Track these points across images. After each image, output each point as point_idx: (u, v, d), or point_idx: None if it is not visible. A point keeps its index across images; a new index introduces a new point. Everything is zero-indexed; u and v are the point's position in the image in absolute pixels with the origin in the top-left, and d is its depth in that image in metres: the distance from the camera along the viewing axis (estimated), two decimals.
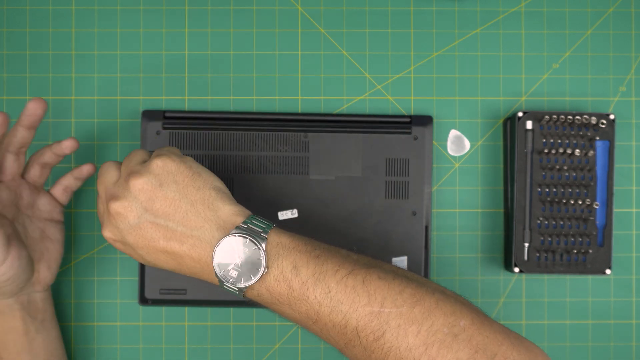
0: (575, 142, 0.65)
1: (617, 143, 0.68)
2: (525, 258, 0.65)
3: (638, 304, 0.68)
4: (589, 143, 0.65)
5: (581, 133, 0.65)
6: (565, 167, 0.64)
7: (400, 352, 0.46)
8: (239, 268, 0.49)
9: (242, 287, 0.49)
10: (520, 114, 0.65)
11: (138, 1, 0.68)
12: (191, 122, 0.66)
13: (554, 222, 0.65)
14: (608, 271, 0.65)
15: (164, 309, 0.67)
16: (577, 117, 0.64)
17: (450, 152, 0.68)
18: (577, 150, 0.64)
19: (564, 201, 0.64)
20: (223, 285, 0.50)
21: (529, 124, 0.65)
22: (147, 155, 0.54)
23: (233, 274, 0.49)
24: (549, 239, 0.65)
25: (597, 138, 0.65)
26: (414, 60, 0.69)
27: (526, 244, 0.65)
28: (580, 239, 0.65)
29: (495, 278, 0.68)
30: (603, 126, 0.64)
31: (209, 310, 0.67)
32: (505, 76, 0.69)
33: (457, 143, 0.69)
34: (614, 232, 0.67)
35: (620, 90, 0.69)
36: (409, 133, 0.66)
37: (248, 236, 0.49)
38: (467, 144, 0.69)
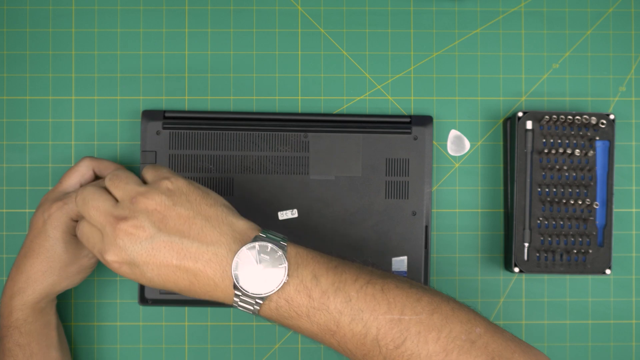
0: (575, 142, 0.65)
1: (617, 143, 0.68)
2: (525, 258, 0.65)
3: (638, 304, 0.68)
4: (588, 143, 0.65)
5: (581, 133, 0.65)
6: (565, 167, 0.65)
7: (420, 359, 0.47)
8: (258, 278, 0.48)
9: (263, 296, 0.48)
10: (520, 114, 0.65)
11: (138, 1, 0.68)
12: (191, 122, 0.66)
13: (554, 222, 0.65)
14: (608, 271, 0.65)
15: (164, 309, 0.67)
16: (577, 117, 0.64)
17: (450, 152, 0.68)
18: (577, 150, 0.64)
19: (564, 201, 0.64)
20: (238, 304, 0.49)
21: (529, 124, 0.65)
22: (135, 177, 0.53)
23: (252, 284, 0.48)
24: (549, 239, 0.65)
25: (597, 138, 0.65)
26: (414, 60, 0.69)
27: (526, 244, 0.65)
28: (580, 239, 0.65)
29: (495, 278, 0.68)
30: (603, 126, 0.64)
31: (209, 310, 0.67)
32: (505, 76, 0.69)
33: (457, 143, 0.69)
34: (614, 232, 0.67)
35: (620, 90, 0.69)
36: (409, 133, 0.66)
37: (270, 243, 0.49)
38: (467, 144, 0.69)
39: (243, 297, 0.49)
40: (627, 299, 0.68)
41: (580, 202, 0.64)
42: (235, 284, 0.48)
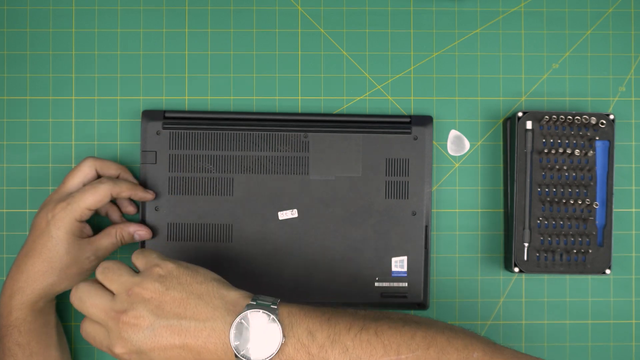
0: (575, 142, 0.65)
1: (616, 143, 0.68)
2: (525, 258, 0.65)
3: (638, 304, 0.68)
4: (588, 143, 0.65)
5: (581, 133, 0.65)
6: (565, 167, 0.65)
7: None
8: (256, 344, 0.50)
9: None
10: (520, 114, 0.65)
11: (138, 1, 0.68)
12: (191, 122, 0.66)
13: (553, 222, 0.65)
14: (608, 271, 0.65)
15: None
16: (577, 117, 0.64)
17: (450, 152, 0.68)
18: (577, 150, 0.64)
19: (564, 201, 0.64)
20: None
21: (529, 124, 0.65)
22: (125, 265, 0.55)
23: (252, 351, 0.50)
24: (549, 239, 0.65)
25: (597, 138, 0.65)
26: (413, 60, 0.69)
27: (526, 244, 0.65)
28: (580, 239, 0.65)
29: (495, 278, 0.68)
30: (603, 126, 0.65)
31: None
32: (505, 76, 0.69)
33: (457, 143, 0.69)
34: (614, 232, 0.67)
35: (620, 90, 0.69)
36: (409, 133, 0.66)
37: (261, 309, 0.50)
38: (467, 144, 0.69)
39: None
40: (627, 299, 0.68)
41: (580, 202, 0.64)
42: (236, 355, 0.50)
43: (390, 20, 0.69)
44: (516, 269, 0.65)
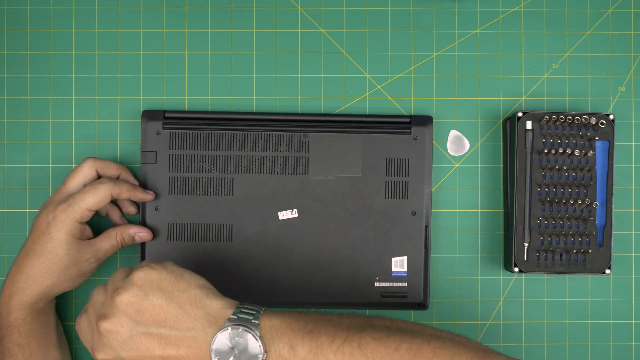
0: (574, 142, 0.65)
1: (616, 143, 0.68)
2: (525, 258, 0.65)
3: (637, 304, 0.68)
4: (588, 143, 0.65)
5: (581, 133, 0.65)
6: (565, 167, 0.65)
7: None
8: (238, 359, 0.49)
9: None
10: (520, 114, 0.65)
11: (138, 1, 0.68)
12: (191, 122, 0.66)
13: (553, 222, 0.65)
14: (608, 271, 0.65)
15: None
16: (577, 117, 0.64)
17: (450, 152, 0.69)
18: (577, 150, 0.64)
19: (564, 201, 0.64)
20: None
21: (529, 124, 0.65)
22: (129, 271, 0.55)
23: None
24: (549, 238, 0.65)
25: (597, 138, 0.65)
26: (413, 60, 0.69)
27: (526, 244, 0.65)
28: (580, 239, 0.65)
29: (495, 278, 0.68)
30: (602, 126, 0.65)
31: None
32: (505, 76, 0.69)
33: (457, 143, 0.69)
34: (614, 232, 0.67)
35: (620, 91, 0.69)
36: (409, 133, 0.66)
37: (241, 326, 0.50)
38: (467, 144, 0.69)
39: None
40: (626, 298, 0.68)
41: (580, 202, 0.64)
42: None
43: (390, 20, 0.69)
44: (516, 269, 0.65)
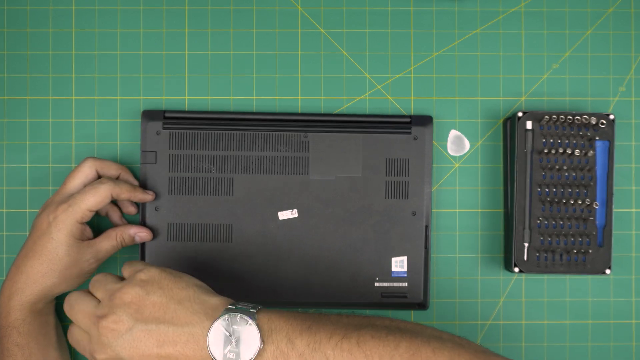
0: (575, 142, 0.65)
1: (616, 143, 0.68)
2: (525, 258, 0.65)
3: (638, 304, 0.68)
4: (588, 143, 0.65)
5: (581, 133, 0.65)
6: (565, 167, 0.65)
7: None
8: (235, 349, 0.49)
9: None
10: (520, 114, 0.65)
11: (138, 1, 0.68)
12: (191, 122, 0.66)
13: (553, 222, 0.65)
14: (608, 271, 0.65)
15: None
16: (577, 117, 0.64)
17: (450, 152, 0.68)
18: (577, 150, 0.64)
19: (564, 201, 0.64)
20: None
21: (529, 124, 0.65)
22: (114, 275, 0.55)
23: (230, 357, 0.49)
24: (549, 239, 0.65)
25: (597, 138, 0.65)
26: (414, 60, 0.69)
27: (526, 244, 0.65)
28: (580, 239, 0.65)
29: (495, 278, 0.68)
30: (603, 126, 0.65)
31: None
32: (505, 76, 0.69)
33: (457, 143, 0.69)
34: (614, 232, 0.67)
35: (620, 91, 0.69)
36: (409, 133, 0.66)
37: (239, 313, 0.50)
38: (467, 144, 0.69)
39: None
40: (627, 299, 0.68)
41: (580, 202, 0.64)
42: None
43: (390, 20, 0.69)
44: (516, 269, 0.65)
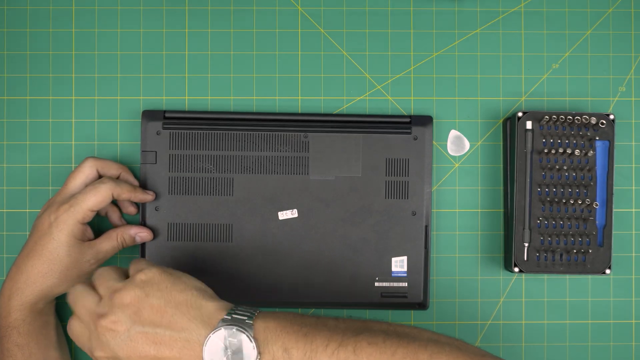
0: (575, 142, 0.65)
1: (616, 143, 0.68)
2: (525, 258, 0.65)
3: (638, 304, 0.68)
4: (588, 143, 0.65)
5: (581, 133, 0.65)
6: (565, 167, 0.65)
7: None
8: None
9: None
10: (520, 114, 0.65)
11: (138, 1, 0.68)
12: (191, 122, 0.66)
13: (553, 222, 0.65)
14: (608, 271, 0.65)
15: None
16: (577, 117, 0.64)
17: (450, 152, 0.68)
18: (577, 150, 0.64)
19: (564, 201, 0.64)
20: None
21: (529, 124, 0.65)
22: (119, 270, 0.55)
23: None
24: (549, 238, 0.65)
25: (597, 138, 0.65)
26: (413, 60, 0.69)
27: (526, 244, 0.65)
28: (580, 239, 0.65)
29: (495, 278, 0.68)
30: (603, 126, 0.65)
31: None
32: (505, 76, 0.69)
33: (457, 143, 0.69)
34: (614, 232, 0.67)
35: (620, 91, 0.69)
36: (409, 133, 0.66)
37: (234, 326, 0.49)
38: (467, 144, 0.69)
39: None
40: (626, 298, 0.68)
41: (580, 202, 0.64)
42: None
43: (390, 20, 0.69)
44: (516, 269, 0.65)
